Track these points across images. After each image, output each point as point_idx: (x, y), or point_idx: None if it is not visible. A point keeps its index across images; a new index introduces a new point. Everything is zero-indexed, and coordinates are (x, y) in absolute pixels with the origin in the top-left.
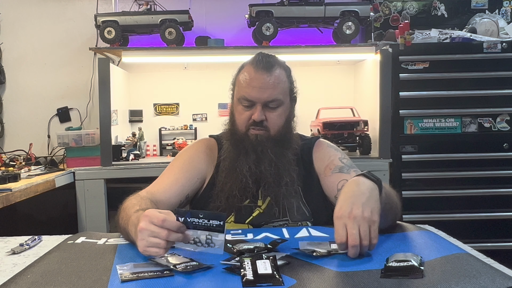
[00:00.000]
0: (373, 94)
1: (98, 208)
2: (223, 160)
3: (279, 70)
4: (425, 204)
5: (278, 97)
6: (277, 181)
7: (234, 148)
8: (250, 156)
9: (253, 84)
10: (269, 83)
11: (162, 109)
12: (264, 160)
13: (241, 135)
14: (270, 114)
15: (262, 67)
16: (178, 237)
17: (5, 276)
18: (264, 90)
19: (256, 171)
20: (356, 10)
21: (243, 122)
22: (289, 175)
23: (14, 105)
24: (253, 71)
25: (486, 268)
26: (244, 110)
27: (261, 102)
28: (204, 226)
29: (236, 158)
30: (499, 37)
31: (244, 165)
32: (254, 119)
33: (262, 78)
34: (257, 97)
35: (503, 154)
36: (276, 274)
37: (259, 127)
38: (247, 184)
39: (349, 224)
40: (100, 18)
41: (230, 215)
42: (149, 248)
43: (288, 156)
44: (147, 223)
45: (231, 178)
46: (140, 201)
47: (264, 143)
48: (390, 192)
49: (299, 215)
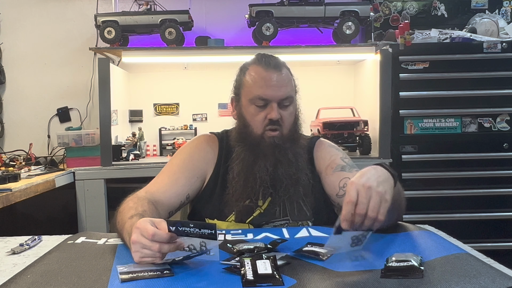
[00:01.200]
0: (373, 94)
1: (98, 208)
2: (236, 164)
3: (285, 68)
4: (425, 204)
5: (291, 94)
6: (295, 182)
7: (249, 152)
8: (268, 160)
9: (268, 83)
10: (282, 81)
11: (162, 109)
12: (283, 162)
13: (256, 138)
14: (284, 113)
15: (272, 66)
16: (171, 248)
17: (5, 276)
18: (279, 88)
19: (274, 174)
20: (356, 10)
21: (259, 123)
22: (306, 174)
23: (14, 105)
24: (264, 71)
25: (486, 268)
26: (258, 111)
27: (277, 100)
28: (196, 234)
29: (253, 162)
30: (499, 37)
31: (263, 169)
32: (271, 118)
33: (274, 76)
34: (272, 95)
35: (503, 154)
36: (276, 274)
37: (275, 126)
38: (266, 187)
39: (362, 192)
40: (100, 18)
41: (230, 214)
42: (143, 259)
43: (303, 155)
44: (138, 236)
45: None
46: (137, 203)
47: (281, 145)
48: (400, 192)
49: (299, 215)
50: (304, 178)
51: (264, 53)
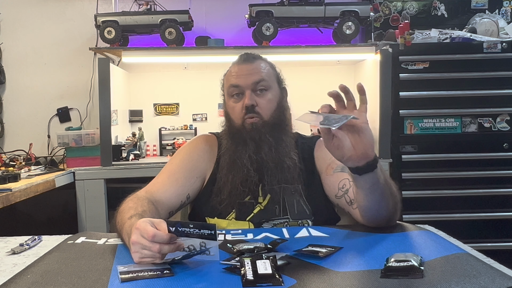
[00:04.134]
0: (373, 94)
1: (98, 208)
2: (222, 155)
3: (262, 61)
4: (425, 204)
5: (264, 78)
6: (279, 166)
7: (232, 141)
8: (248, 145)
9: (239, 72)
10: (254, 68)
11: (162, 109)
12: (263, 146)
13: (237, 127)
14: (260, 100)
15: (243, 60)
16: (171, 249)
17: (5, 276)
18: (250, 75)
19: (257, 158)
20: (356, 10)
21: (237, 113)
22: (290, 158)
23: (14, 105)
24: (236, 65)
25: (486, 268)
26: (235, 102)
27: (249, 86)
28: (196, 234)
29: (235, 150)
30: (499, 37)
31: (244, 154)
32: (245, 104)
33: (246, 67)
34: (243, 82)
35: (503, 154)
36: (276, 274)
37: (252, 113)
38: (249, 173)
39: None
40: (100, 18)
41: (231, 212)
42: (143, 259)
43: (287, 140)
44: (138, 237)
45: (233, 170)
46: (137, 203)
47: (260, 130)
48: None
49: (299, 213)
50: (288, 162)
51: (247, 52)
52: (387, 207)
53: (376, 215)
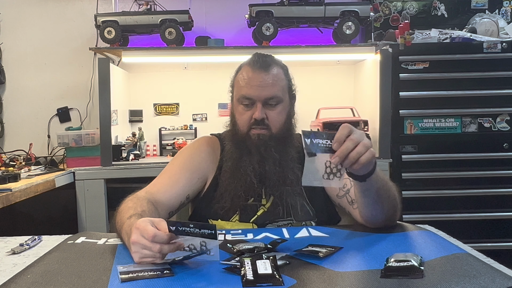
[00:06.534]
0: (373, 94)
1: (98, 208)
2: (225, 161)
3: (277, 68)
4: (425, 204)
5: (277, 94)
6: (282, 180)
7: (236, 148)
8: (253, 156)
9: (252, 83)
10: (268, 81)
11: (162, 109)
12: (268, 160)
13: (242, 136)
14: (271, 112)
15: (259, 67)
16: (171, 248)
17: (5, 276)
18: (263, 88)
19: (261, 170)
20: (356, 10)
21: (245, 122)
22: (294, 173)
23: (14, 105)
24: (251, 71)
25: (486, 268)
26: (244, 110)
27: (261, 100)
28: (196, 234)
29: (239, 159)
30: (499, 37)
31: (248, 165)
32: (255, 117)
33: (260, 76)
34: (256, 95)
35: (503, 154)
36: (276, 274)
37: (260, 126)
38: (252, 184)
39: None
40: (100, 18)
41: (235, 214)
42: (144, 259)
43: (292, 154)
44: (138, 236)
45: (236, 178)
46: (136, 203)
47: (267, 142)
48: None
49: (303, 215)
50: (291, 177)
51: (261, 53)
52: (383, 210)
53: (371, 217)
